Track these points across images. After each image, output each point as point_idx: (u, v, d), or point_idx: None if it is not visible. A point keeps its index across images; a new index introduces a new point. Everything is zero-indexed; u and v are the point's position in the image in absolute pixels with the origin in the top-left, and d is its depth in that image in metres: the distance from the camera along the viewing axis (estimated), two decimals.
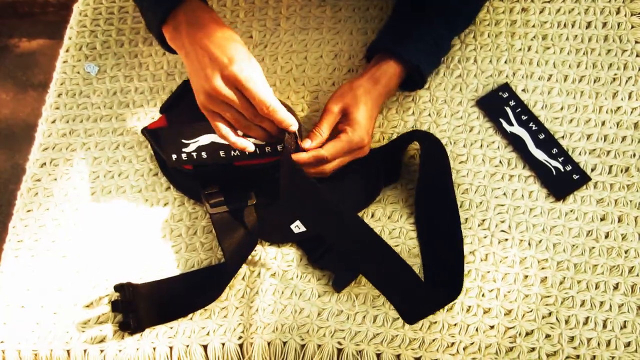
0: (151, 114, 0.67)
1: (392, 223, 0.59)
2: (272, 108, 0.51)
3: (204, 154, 0.59)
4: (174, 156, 0.59)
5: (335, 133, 0.58)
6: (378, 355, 0.53)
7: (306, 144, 0.56)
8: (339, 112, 0.58)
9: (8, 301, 0.58)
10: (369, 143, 0.59)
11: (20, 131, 1.36)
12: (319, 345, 0.54)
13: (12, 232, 0.62)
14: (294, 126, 0.53)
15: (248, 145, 0.54)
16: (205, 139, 0.59)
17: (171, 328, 0.55)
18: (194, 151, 0.59)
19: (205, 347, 0.54)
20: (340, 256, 0.56)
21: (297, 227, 0.58)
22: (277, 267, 0.57)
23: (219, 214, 0.58)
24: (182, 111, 0.63)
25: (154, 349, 0.55)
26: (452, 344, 0.53)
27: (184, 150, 0.59)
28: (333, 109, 0.57)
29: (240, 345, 0.54)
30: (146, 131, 0.62)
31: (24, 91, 1.41)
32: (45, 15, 1.50)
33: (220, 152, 0.59)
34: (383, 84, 0.59)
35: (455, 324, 0.54)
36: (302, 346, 0.54)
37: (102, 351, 0.55)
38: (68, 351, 0.55)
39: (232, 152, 0.59)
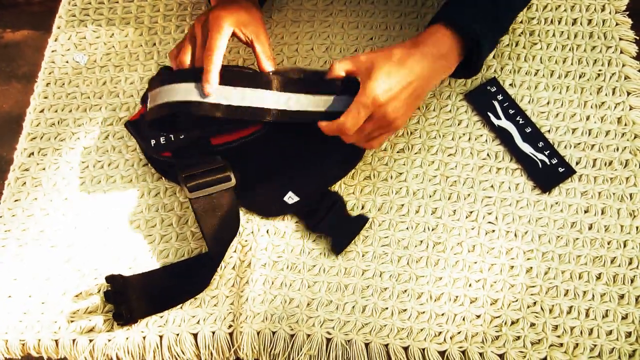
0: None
1: (382, 215, 0.59)
2: (210, 57, 0.51)
3: (181, 135, 0.58)
4: (153, 141, 0.59)
5: None
6: (366, 345, 0.54)
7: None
8: (344, 72, 0.52)
9: None
10: (402, 117, 0.52)
11: (4, 123, 1.34)
12: (308, 335, 0.54)
13: None
14: (209, 88, 0.51)
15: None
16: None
17: (161, 317, 0.55)
18: (170, 131, 0.58)
19: (195, 335, 0.55)
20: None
21: (291, 197, 0.58)
22: (267, 258, 0.57)
23: (199, 198, 0.57)
24: None
25: (144, 338, 0.55)
26: (440, 333, 0.54)
27: (162, 133, 0.59)
28: (336, 69, 0.52)
29: (230, 334, 0.54)
30: (129, 124, 0.62)
31: (7, 83, 1.39)
32: (30, 6, 1.48)
33: (196, 130, 0.58)
34: (428, 45, 0.51)
35: (442, 314, 0.54)
36: (292, 336, 0.54)
37: (91, 341, 0.55)
38: (56, 341, 0.55)
39: (207, 127, 0.58)
